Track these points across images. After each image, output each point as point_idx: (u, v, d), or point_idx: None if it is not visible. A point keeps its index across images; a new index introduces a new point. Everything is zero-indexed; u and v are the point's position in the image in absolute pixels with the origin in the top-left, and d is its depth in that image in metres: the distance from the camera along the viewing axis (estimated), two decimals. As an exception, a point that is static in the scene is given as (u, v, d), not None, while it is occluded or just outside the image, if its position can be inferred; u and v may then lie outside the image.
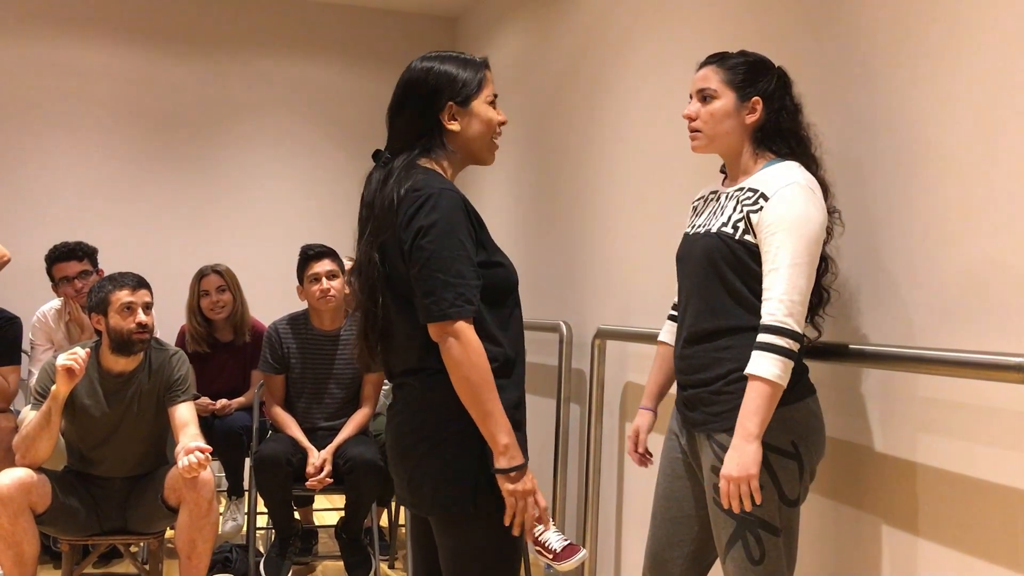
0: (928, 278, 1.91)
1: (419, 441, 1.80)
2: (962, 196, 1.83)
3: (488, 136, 1.87)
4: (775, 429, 1.85)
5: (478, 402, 1.71)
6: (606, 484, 3.45)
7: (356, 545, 3.53)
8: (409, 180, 1.77)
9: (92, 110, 5.16)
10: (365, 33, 5.67)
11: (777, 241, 1.82)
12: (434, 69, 1.83)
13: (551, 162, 4.12)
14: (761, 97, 1.95)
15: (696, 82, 2.01)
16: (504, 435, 1.72)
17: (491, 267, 1.80)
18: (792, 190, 1.84)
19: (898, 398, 1.99)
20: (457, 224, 1.73)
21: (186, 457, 2.74)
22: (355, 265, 1.90)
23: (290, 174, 5.52)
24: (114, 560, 3.88)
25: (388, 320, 1.85)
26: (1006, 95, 1.73)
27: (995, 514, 1.74)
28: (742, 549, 1.87)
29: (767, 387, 1.79)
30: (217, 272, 4.02)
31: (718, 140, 1.98)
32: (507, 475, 1.73)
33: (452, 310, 1.70)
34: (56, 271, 3.85)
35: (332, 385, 3.60)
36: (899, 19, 2.01)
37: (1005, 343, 1.73)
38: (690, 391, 1.99)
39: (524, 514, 1.76)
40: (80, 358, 2.78)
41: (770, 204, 1.84)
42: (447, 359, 1.72)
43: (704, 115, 1.98)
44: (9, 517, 2.76)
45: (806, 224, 1.81)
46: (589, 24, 3.75)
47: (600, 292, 3.56)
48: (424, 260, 1.71)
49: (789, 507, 1.87)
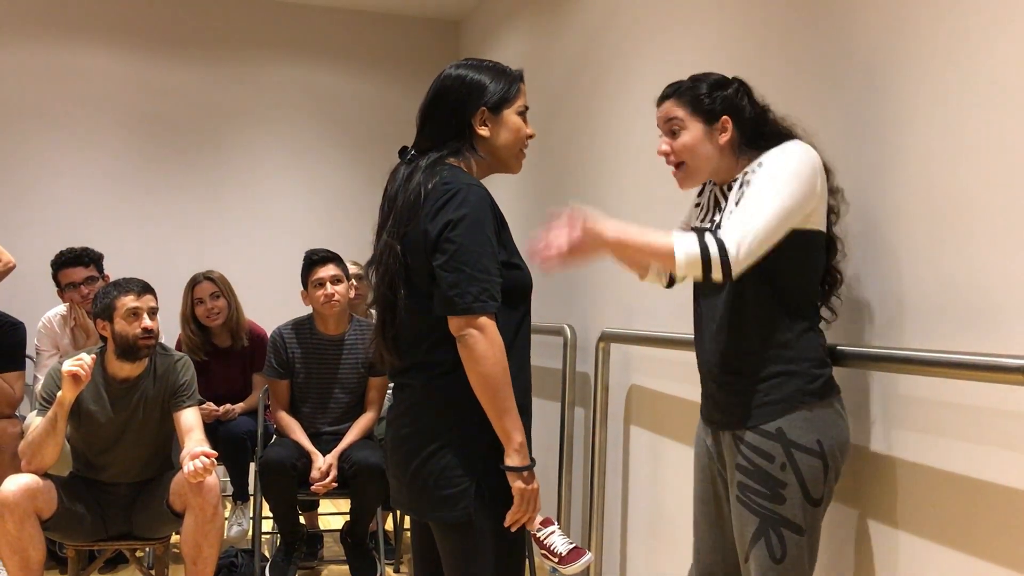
0: (929, 279, 1.91)
1: (421, 445, 1.79)
2: (963, 197, 1.83)
3: (516, 146, 1.89)
4: (801, 427, 1.85)
5: (496, 398, 1.72)
6: (611, 488, 3.45)
7: (361, 549, 3.54)
8: (437, 175, 1.78)
9: (96, 115, 5.17)
10: (368, 37, 5.68)
11: (760, 178, 1.82)
12: (470, 75, 1.85)
13: (555, 164, 4.12)
14: (728, 114, 1.95)
15: (660, 119, 2.01)
16: (518, 433, 1.74)
17: (509, 268, 1.81)
18: (785, 146, 1.86)
19: (899, 399, 1.99)
20: (485, 220, 1.75)
21: (192, 462, 2.75)
22: (374, 257, 1.89)
23: (293, 179, 5.53)
24: (120, 565, 3.88)
25: (403, 313, 1.84)
26: (1007, 96, 1.73)
27: (996, 515, 1.74)
28: (764, 547, 1.87)
29: (664, 247, 1.75)
30: (209, 279, 3.99)
31: (702, 170, 1.98)
32: (519, 473, 1.74)
33: (476, 304, 1.70)
34: (62, 277, 3.86)
35: (337, 390, 3.61)
36: (901, 21, 2.01)
37: (1005, 345, 1.73)
38: (715, 387, 1.99)
39: (528, 515, 1.77)
40: (86, 364, 2.78)
41: (764, 160, 1.86)
42: (467, 353, 1.72)
43: (678, 148, 1.97)
44: (15, 523, 2.77)
45: (791, 164, 1.81)
46: (592, 28, 3.75)
47: (604, 295, 3.56)
48: (452, 253, 1.72)
49: (813, 507, 1.87)
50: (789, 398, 1.87)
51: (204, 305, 3.95)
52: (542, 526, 2.74)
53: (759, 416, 1.89)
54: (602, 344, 3.33)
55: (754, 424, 1.89)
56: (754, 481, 1.88)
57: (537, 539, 2.72)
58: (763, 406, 1.89)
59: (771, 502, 1.86)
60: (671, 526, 3.00)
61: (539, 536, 2.72)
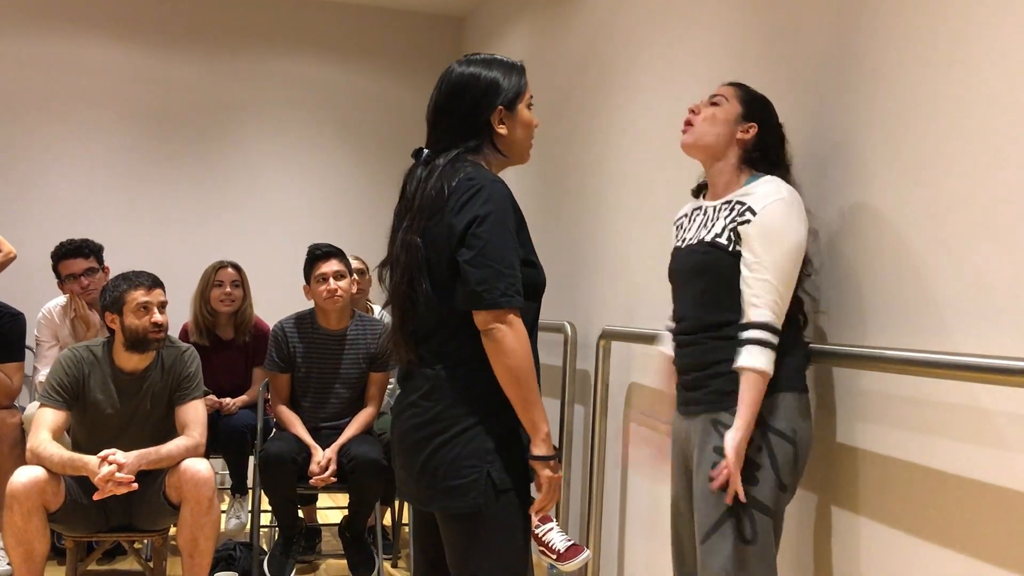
0: (930, 280, 1.91)
1: (431, 436, 1.80)
2: (964, 197, 1.83)
3: (527, 139, 1.94)
4: (777, 413, 1.97)
5: (523, 390, 1.75)
6: (610, 485, 3.45)
7: (359, 544, 3.54)
8: (460, 171, 1.80)
9: (98, 108, 5.17)
10: (372, 33, 5.68)
11: (761, 251, 1.96)
12: (483, 73, 1.87)
13: (556, 162, 4.12)
14: (759, 125, 2.11)
15: (714, 91, 2.18)
16: (544, 424, 1.78)
17: (526, 266, 1.83)
18: (777, 206, 1.98)
19: (899, 399, 1.99)
20: (508, 217, 1.78)
21: (106, 465, 2.77)
22: (389, 256, 1.91)
23: (296, 173, 5.53)
24: (118, 557, 3.89)
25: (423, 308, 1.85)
26: (1009, 97, 1.74)
27: (997, 516, 1.74)
28: (733, 528, 1.93)
29: (762, 378, 1.93)
30: (236, 267, 4.06)
31: (705, 139, 2.12)
32: (547, 462, 1.78)
33: (504, 299, 1.73)
34: (62, 268, 3.86)
35: (337, 384, 3.61)
36: (908, 22, 2.02)
37: (1004, 346, 1.73)
38: (695, 377, 2.08)
39: (552, 502, 1.81)
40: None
41: (757, 218, 1.99)
42: (495, 347, 1.74)
43: (706, 113, 2.13)
44: (23, 515, 2.77)
45: (789, 235, 1.96)
46: (596, 25, 3.75)
47: (605, 293, 3.56)
48: (479, 249, 1.74)
49: (782, 492, 1.96)
50: (771, 385, 1.97)
51: (223, 288, 3.99)
52: (540, 523, 2.75)
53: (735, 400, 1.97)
54: (603, 342, 3.33)
55: (733, 407, 1.97)
56: None
57: (535, 536, 2.72)
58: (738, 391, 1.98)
59: (745, 483, 1.94)
60: (669, 524, 3.00)
61: (537, 533, 2.73)
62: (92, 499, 2.85)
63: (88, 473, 2.79)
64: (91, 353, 3.05)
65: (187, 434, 3.02)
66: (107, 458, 2.79)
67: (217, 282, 4.00)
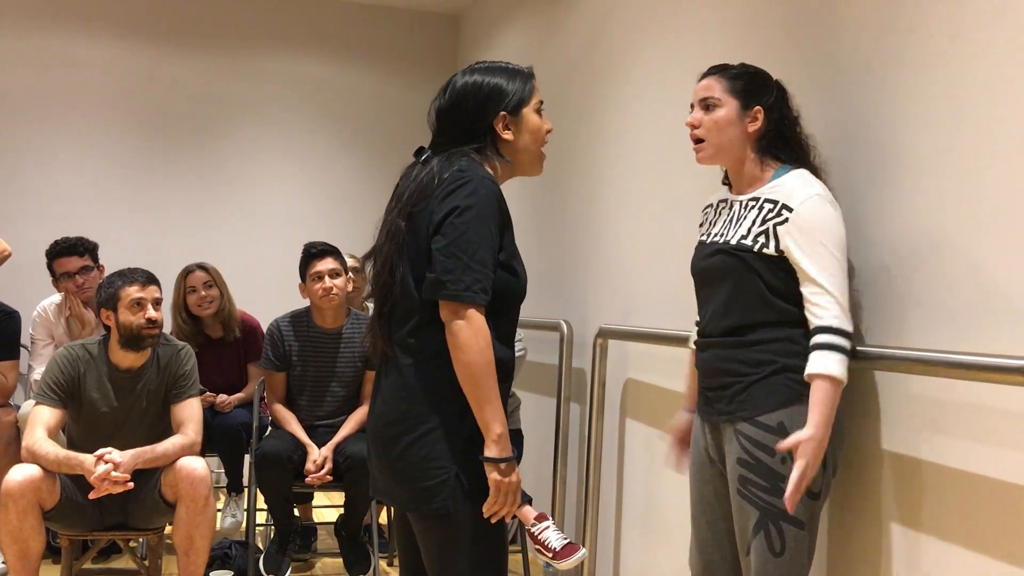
0: (931, 280, 1.91)
1: (401, 433, 1.78)
2: (965, 198, 1.83)
3: (536, 145, 1.91)
4: (802, 421, 1.86)
5: (480, 388, 1.71)
6: (606, 483, 3.45)
7: (355, 542, 3.54)
8: (455, 164, 1.80)
9: (93, 105, 5.16)
10: (369, 31, 5.67)
11: (814, 252, 1.87)
12: (486, 80, 1.86)
13: (553, 161, 4.12)
14: (762, 107, 2.00)
15: (698, 91, 2.06)
16: (499, 425, 1.73)
17: (504, 270, 1.81)
18: (815, 202, 1.89)
19: (900, 399, 2.00)
20: (491, 214, 1.76)
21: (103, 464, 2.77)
22: (375, 246, 1.90)
23: (291, 171, 5.52)
24: (113, 555, 3.88)
25: (398, 294, 1.84)
26: (1008, 97, 1.74)
27: (1000, 511, 1.75)
28: (764, 540, 1.88)
29: (835, 385, 1.83)
30: (203, 268, 3.98)
31: (723, 150, 2.02)
32: (497, 465, 1.73)
33: (467, 294, 1.71)
34: (57, 266, 3.85)
35: (333, 383, 3.61)
36: (903, 23, 2.02)
37: (1006, 346, 1.73)
38: (716, 383, 2.01)
39: (504, 508, 1.76)
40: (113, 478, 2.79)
41: (796, 216, 1.89)
42: (453, 340, 1.72)
43: (708, 123, 2.02)
44: (18, 514, 2.77)
45: (835, 234, 1.88)
46: (592, 23, 3.75)
47: (601, 291, 3.56)
48: (452, 238, 1.72)
49: (813, 500, 1.89)
50: (790, 392, 1.90)
51: (197, 293, 3.94)
52: (536, 521, 2.75)
53: (760, 409, 1.91)
54: (600, 340, 3.34)
55: (754, 417, 1.91)
56: (754, 474, 1.90)
57: (531, 534, 2.72)
58: (764, 399, 1.91)
59: (771, 495, 1.88)
60: (666, 522, 3.01)
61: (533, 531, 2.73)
62: (88, 497, 2.85)
63: (84, 472, 2.79)
64: (87, 351, 3.05)
65: (183, 432, 3.02)
66: (103, 457, 2.79)
67: (190, 288, 3.95)
